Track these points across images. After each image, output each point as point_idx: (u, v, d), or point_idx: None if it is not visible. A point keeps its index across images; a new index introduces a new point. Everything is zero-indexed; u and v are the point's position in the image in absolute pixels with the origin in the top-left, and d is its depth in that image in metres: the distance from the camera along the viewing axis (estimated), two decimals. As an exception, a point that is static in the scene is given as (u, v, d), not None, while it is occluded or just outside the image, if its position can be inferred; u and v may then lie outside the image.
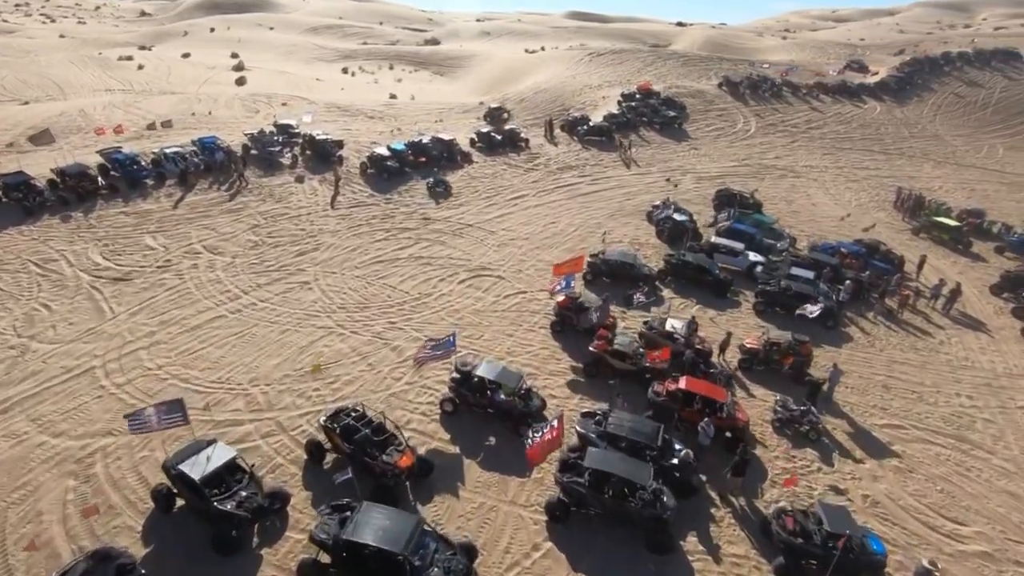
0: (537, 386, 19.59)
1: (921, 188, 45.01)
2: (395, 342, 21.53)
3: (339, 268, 26.40)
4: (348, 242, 28.84)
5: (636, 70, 74.77)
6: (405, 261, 27.72)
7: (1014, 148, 57.98)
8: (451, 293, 25.38)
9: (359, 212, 32.16)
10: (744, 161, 47.19)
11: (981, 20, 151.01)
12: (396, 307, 23.87)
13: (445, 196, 35.55)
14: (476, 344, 21.84)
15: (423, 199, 34.76)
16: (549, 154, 44.17)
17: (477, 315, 23.88)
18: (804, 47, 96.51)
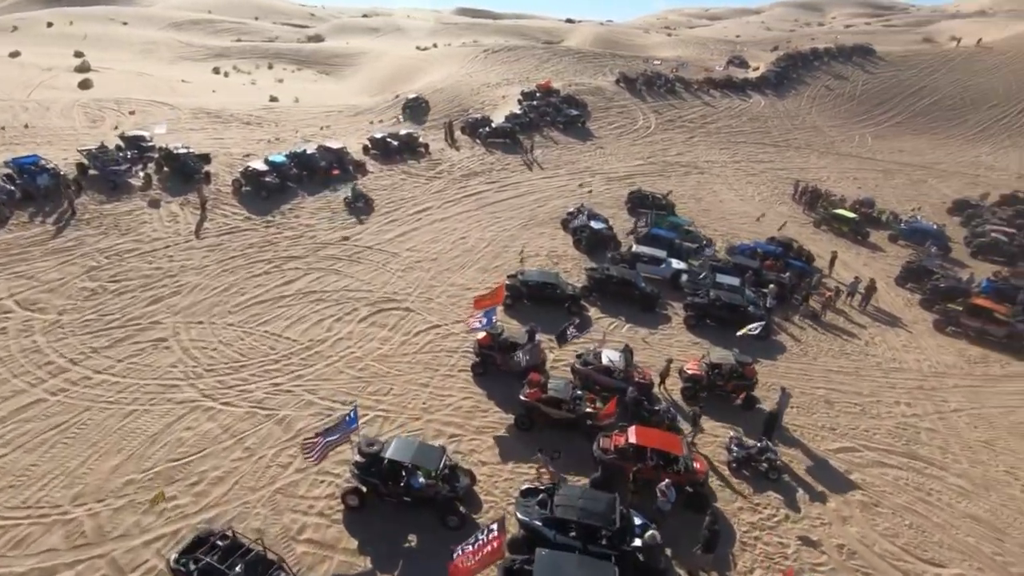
0: (462, 452, 16.16)
1: (812, 179, 46.22)
2: (281, 411, 17.19)
3: (207, 316, 21.37)
4: (219, 280, 23.70)
5: (532, 67, 72.70)
6: (292, 299, 23.13)
7: (880, 137, 61.86)
8: (351, 336, 21.23)
9: (232, 241, 26.88)
10: (649, 159, 46.18)
11: (831, 18, 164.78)
12: (282, 362, 19.41)
13: (367, 212, 31.38)
14: (385, 403, 17.98)
15: (312, 219, 29.98)
16: (452, 160, 40.54)
17: (384, 362, 19.98)
18: (688, 44, 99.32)
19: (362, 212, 31.41)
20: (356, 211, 31.33)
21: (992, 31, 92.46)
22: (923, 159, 56.27)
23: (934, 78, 72.78)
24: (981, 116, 66.52)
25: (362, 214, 31.24)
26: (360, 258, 26.97)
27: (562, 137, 48.14)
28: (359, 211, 31.39)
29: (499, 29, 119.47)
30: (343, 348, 20.50)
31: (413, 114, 51.92)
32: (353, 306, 23.10)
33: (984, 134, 63.71)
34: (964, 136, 63.55)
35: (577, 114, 50.45)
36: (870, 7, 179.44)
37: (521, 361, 17.51)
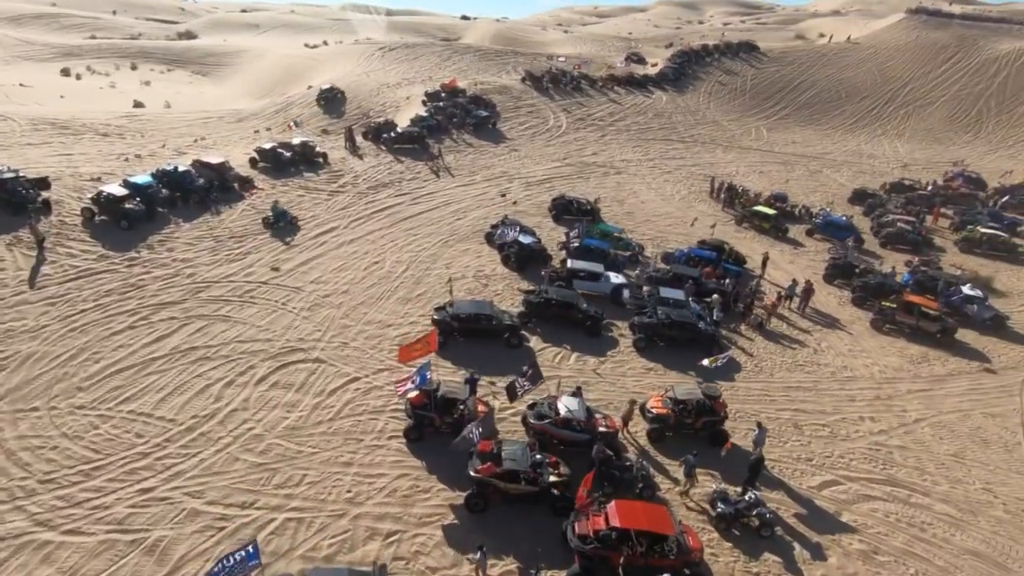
0: (405, 558, 12.62)
1: (722, 174, 46.26)
2: (153, 532, 12.71)
3: (44, 399, 16.07)
4: (62, 345, 18.23)
5: (433, 65, 68.66)
6: (166, 361, 18.21)
7: (773, 129, 64.07)
8: (247, 405, 16.82)
9: (82, 288, 21.17)
10: (565, 160, 44.01)
11: (709, 17, 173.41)
12: (153, 455, 14.75)
13: (292, 232, 26.93)
14: (297, 498, 13.95)
15: (190, 251, 24.64)
16: (356, 170, 36.00)
17: (292, 437, 15.85)
18: (585, 41, 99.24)
19: (286, 233, 26.70)
20: (280, 232, 26.59)
21: (850, 28, 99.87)
22: (814, 149, 58.66)
23: (811, 72, 76.82)
24: (855, 107, 70.89)
25: (287, 235, 26.58)
26: (254, 297, 22.25)
27: (474, 139, 44.83)
28: (283, 232, 26.66)
29: (393, 26, 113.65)
30: (237, 423, 16.09)
31: (329, 106, 47.85)
32: (248, 363, 18.59)
33: (859, 124, 67.85)
34: (844, 126, 67.34)
35: (487, 115, 47.32)
36: (742, 6, 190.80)
37: (474, 438, 14.06)
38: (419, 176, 36.64)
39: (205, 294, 22.03)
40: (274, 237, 26.79)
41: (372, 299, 23.13)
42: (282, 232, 27.10)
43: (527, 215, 33.01)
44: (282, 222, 27.48)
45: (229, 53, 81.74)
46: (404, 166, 37.83)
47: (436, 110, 46.57)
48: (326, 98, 49.09)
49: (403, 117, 47.13)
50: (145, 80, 69.71)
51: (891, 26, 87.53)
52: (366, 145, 40.39)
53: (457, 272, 25.78)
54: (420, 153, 39.95)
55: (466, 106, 48.37)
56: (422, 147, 40.43)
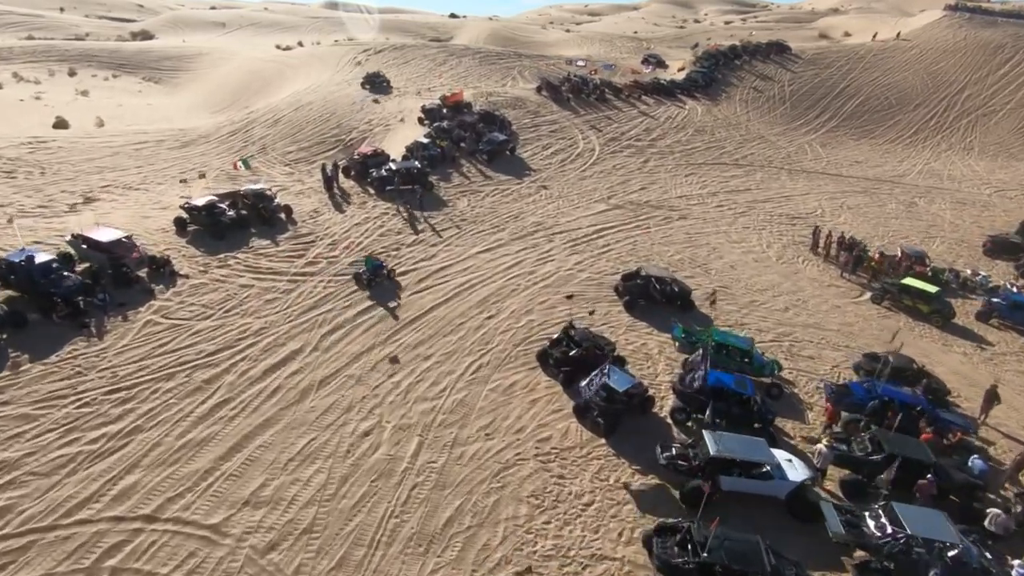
0: None
1: (810, 212, 35.53)
2: None
3: None
4: None
5: (426, 71, 57.10)
6: None
7: (827, 144, 53.75)
8: None
9: None
10: (611, 200, 32.85)
11: (704, 15, 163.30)
12: None
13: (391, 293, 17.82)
14: None
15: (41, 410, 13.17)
16: (330, 229, 24.50)
17: None
18: (592, 41, 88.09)
19: (385, 296, 15.68)
20: (378, 292, 15.81)
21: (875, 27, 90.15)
22: (884, 171, 48.33)
23: (853, 76, 66.65)
24: (910, 117, 60.86)
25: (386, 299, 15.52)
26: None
27: (490, 173, 33.44)
28: (381, 293, 15.79)
29: (371, 24, 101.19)
30: None
31: (375, 89, 43.16)
32: None
33: (918, 137, 57.79)
34: (902, 140, 57.27)
35: (504, 139, 35.89)
36: (737, 4, 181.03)
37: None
38: (423, 238, 25.20)
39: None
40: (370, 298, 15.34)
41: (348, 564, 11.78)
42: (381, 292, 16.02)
43: (584, 298, 21.88)
44: (379, 276, 19.63)
45: (187, 56, 69.17)
46: (401, 220, 26.39)
47: (439, 133, 35.13)
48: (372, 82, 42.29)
49: (396, 143, 35.64)
50: (82, 89, 57.07)
51: (932, 24, 77.56)
52: (349, 186, 28.90)
53: (493, 446, 14.55)
54: (424, 198, 28.51)
55: (476, 126, 36.97)
56: (423, 187, 29.03)
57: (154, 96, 60.01)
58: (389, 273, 21.16)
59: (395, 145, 35.42)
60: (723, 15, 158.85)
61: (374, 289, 20.19)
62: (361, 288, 20.23)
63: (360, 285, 20.33)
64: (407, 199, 27.56)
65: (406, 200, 27.54)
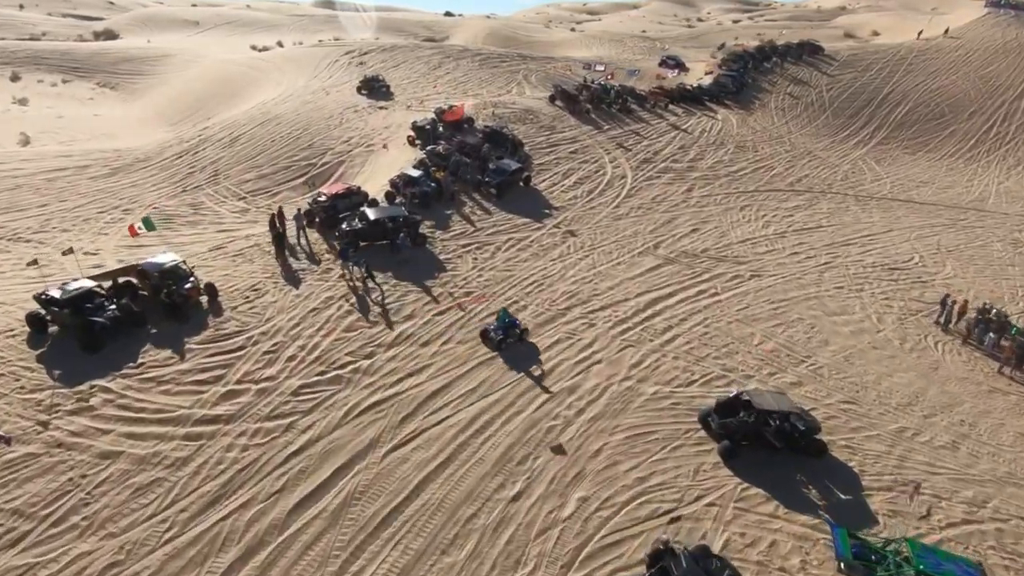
0: None
1: (902, 255, 27.63)
2: None
3: None
4: None
5: (420, 75, 48.89)
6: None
7: (882, 160, 46.00)
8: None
9: None
10: (659, 251, 24.83)
11: (707, 14, 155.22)
12: None
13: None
14: None
15: None
16: (276, 325, 16.33)
17: None
18: (601, 41, 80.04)
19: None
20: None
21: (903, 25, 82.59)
22: (957, 194, 40.58)
23: (896, 80, 58.87)
24: (966, 127, 53.19)
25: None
26: None
27: (498, 212, 25.36)
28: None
29: (367, 23, 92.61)
30: None
31: (372, 94, 36.44)
32: None
33: (980, 151, 50.08)
34: (960, 154, 49.57)
35: (517, 167, 27.68)
36: (740, 2, 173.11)
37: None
38: (408, 331, 17.03)
39: None
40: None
41: None
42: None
43: (654, 436, 13.97)
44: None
45: (150, 59, 60.59)
46: (378, 295, 18.23)
47: (434, 160, 26.99)
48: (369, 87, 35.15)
49: (378, 173, 27.54)
50: (21, 97, 48.64)
51: (975, 23, 69.78)
52: (312, 238, 20.74)
53: None
54: (414, 259, 20.41)
55: (481, 149, 28.82)
56: (416, 242, 20.89)
57: (106, 105, 51.54)
58: (522, 333, 16.68)
59: (376, 176, 27.34)
60: (727, 13, 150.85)
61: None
62: (491, 349, 15.50)
63: (489, 345, 16.04)
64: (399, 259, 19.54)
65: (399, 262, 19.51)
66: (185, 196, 28.69)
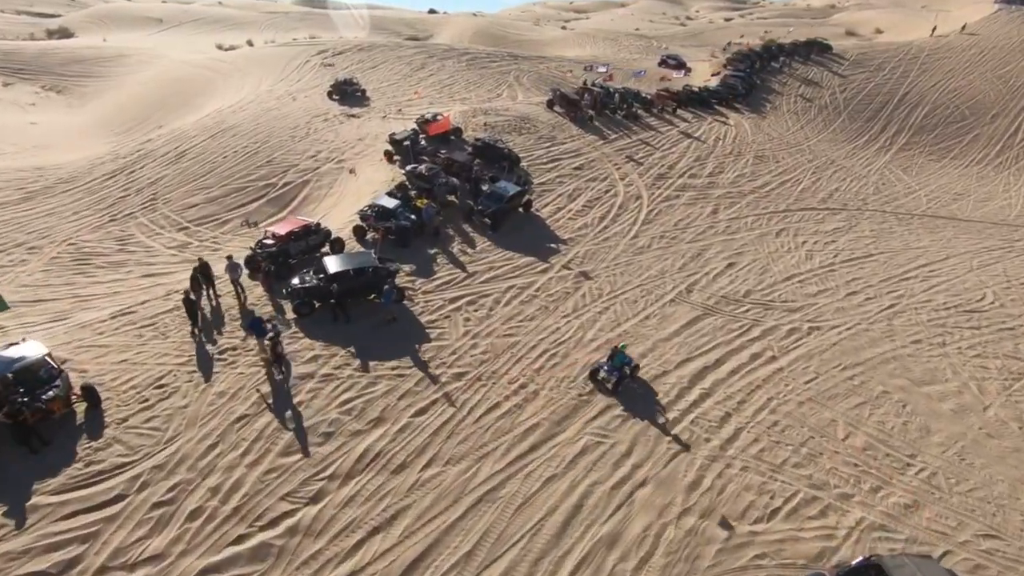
0: None
1: (976, 296, 23.07)
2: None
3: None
4: None
5: (401, 77, 43.71)
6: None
7: (908, 168, 41.73)
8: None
9: None
10: (692, 296, 20.01)
11: (696, 12, 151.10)
12: None
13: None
14: None
15: None
16: (178, 450, 11.18)
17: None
18: (595, 39, 75.18)
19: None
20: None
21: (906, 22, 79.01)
22: (999, 208, 36.38)
23: (911, 81, 54.81)
24: (990, 130, 49.17)
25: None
26: None
27: (495, 249, 20.35)
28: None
29: (341, 22, 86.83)
30: None
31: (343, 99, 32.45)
32: None
33: (1008, 156, 46.09)
34: (989, 160, 45.51)
35: (517, 191, 22.55)
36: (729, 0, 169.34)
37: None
38: (382, 451, 11.98)
39: None
40: None
41: None
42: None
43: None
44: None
45: (103, 59, 54.55)
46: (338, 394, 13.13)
47: (415, 183, 21.87)
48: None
49: (347, 200, 22.38)
50: (-52, 104, 42.40)
51: (987, 19, 65.96)
52: (256, 295, 15.56)
53: None
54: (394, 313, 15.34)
55: (469, 166, 23.72)
56: (391, 296, 15.82)
57: (49, 111, 45.58)
58: (633, 371, 14.67)
59: (346, 202, 22.21)
60: (716, 11, 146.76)
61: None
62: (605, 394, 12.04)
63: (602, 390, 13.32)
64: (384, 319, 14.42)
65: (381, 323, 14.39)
66: (112, 227, 23.35)
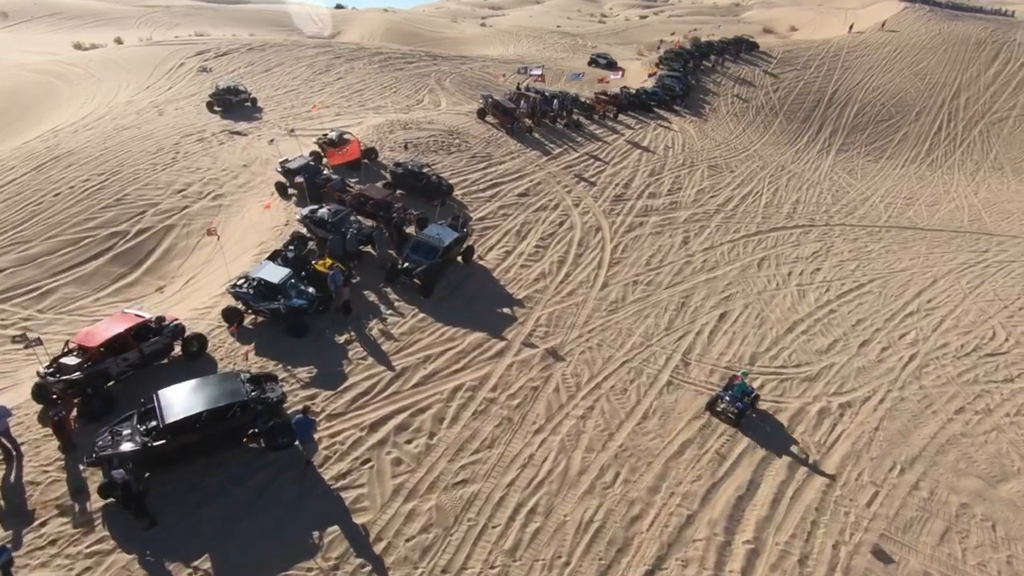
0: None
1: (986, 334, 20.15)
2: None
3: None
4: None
5: (301, 82, 36.79)
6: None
7: (851, 171, 40.08)
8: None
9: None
10: (692, 374, 15.42)
11: (609, 9, 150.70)
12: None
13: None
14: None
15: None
16: None
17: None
18: (518, 37, 70.42)
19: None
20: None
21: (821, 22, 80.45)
22: (948, 213, 34.94)
23: (837, 79, 54.24)
24: (916, 128, 49.05)
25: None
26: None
27: (428, 323, 14.77)
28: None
29: (239, 17, 76.78)
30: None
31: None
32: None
33: (938, 154, 45.83)
34: (921, 159, 45.04)
35: (453, 239, 16.93)
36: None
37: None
38: None
39: None
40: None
41: None
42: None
43: None
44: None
45: (-85, 63, 43.10)
46: None
47: (315, 229, 15.76)
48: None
49: (221, 258, 15.94)
50: None
51: (897, 17, 67.21)
52: (44, 463, 9.10)
53: None
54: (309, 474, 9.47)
55: (390, 202, 17.85)
56: (271, 442, 9.94)
57: None
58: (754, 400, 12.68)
59: (218, 266, 15.77)
60: (629, 9, 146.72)
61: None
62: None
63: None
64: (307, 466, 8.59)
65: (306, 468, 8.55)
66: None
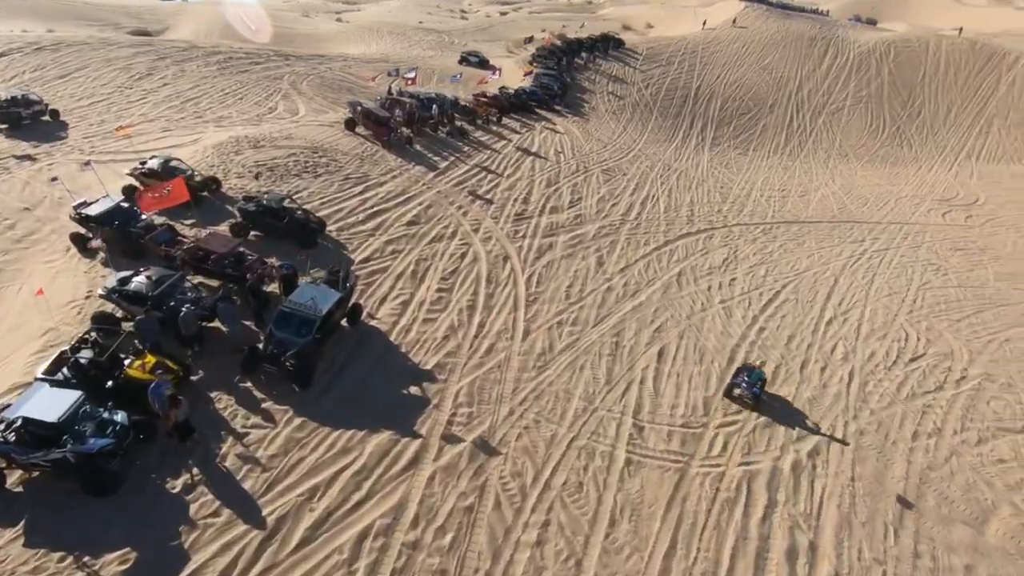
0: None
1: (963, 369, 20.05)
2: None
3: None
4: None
5: (117, 89, 29.44)
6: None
7: (728, 165, 41.26)
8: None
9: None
10: (648, 444, 12.78)
11: (468, 5, 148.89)
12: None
13: None
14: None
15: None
16: None
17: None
18: (380, 33, 64.99)
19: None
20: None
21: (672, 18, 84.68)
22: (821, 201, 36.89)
23: (698, 74, 56.45)
24: (773, 120, 52.45)
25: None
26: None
27: (312, 435, 10.54)
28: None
29: (31, 9, 62.18)
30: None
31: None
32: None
33: (794, 144, 49.26)
34: (781, 150, 48.14)
35: (338, 298, 12.66)
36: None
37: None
38: None
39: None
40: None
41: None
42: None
43: None
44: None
45: None
46: None
47: (131, 307, 10.67)
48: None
49: None
50: None
51: (741, 15, 71.80)
52: None
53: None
54: None
55: (240, 255, 13.07)
56: None
57: None
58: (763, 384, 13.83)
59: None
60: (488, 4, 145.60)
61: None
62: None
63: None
64: None
65: None
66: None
